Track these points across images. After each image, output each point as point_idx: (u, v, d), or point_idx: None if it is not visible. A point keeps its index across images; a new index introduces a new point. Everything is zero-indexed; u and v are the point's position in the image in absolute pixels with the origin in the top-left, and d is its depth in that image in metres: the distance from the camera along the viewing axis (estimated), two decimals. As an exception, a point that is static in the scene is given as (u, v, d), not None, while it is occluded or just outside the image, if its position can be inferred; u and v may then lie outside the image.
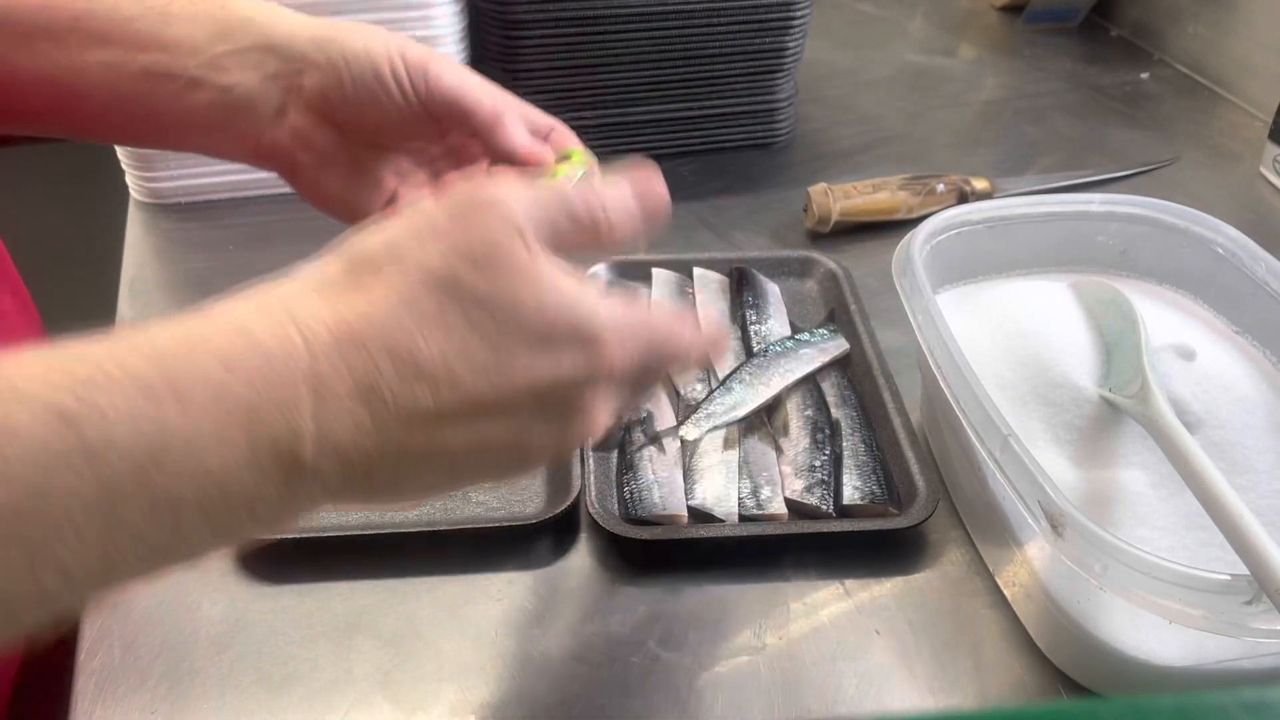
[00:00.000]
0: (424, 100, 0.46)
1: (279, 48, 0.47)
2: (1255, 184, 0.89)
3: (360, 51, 0.46)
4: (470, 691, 0.47)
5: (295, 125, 0.48)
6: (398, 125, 0.48)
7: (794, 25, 0.85)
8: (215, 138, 0.49)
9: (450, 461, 0.34)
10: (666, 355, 0.38)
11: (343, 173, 0.49)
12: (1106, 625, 0.46)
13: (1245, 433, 0.51)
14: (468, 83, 0.47)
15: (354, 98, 0.46)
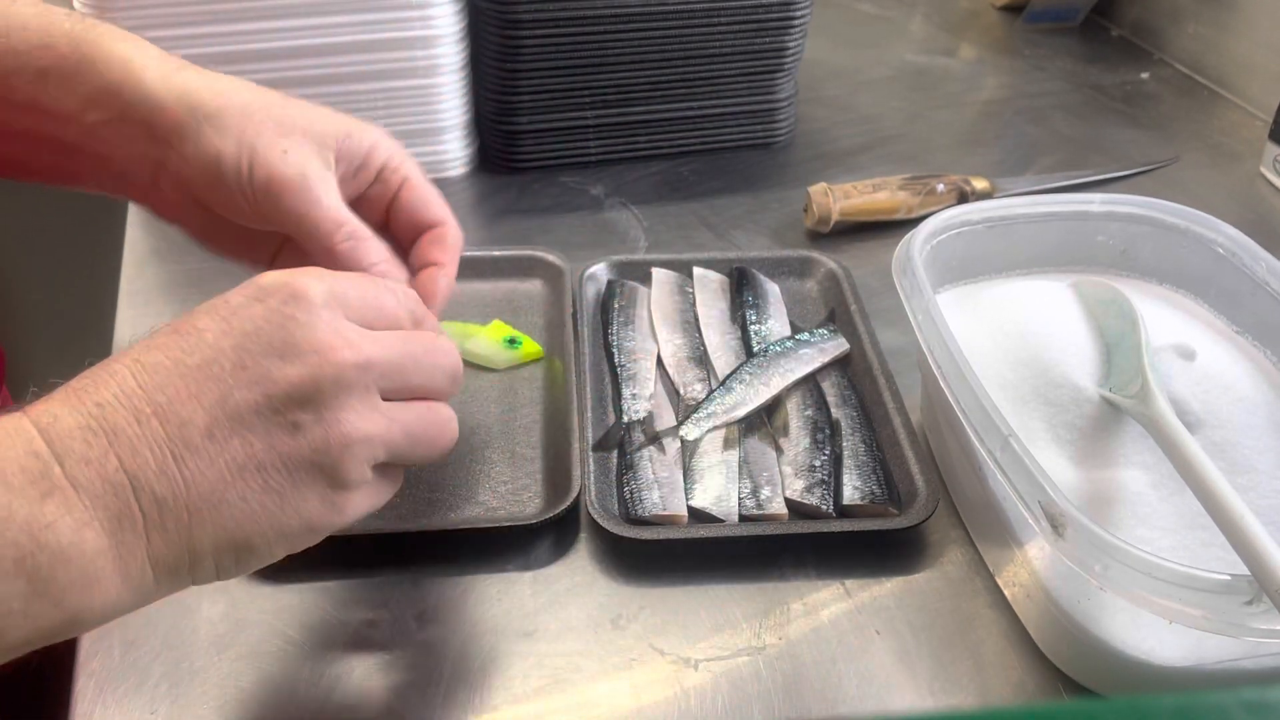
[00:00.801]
0: (269, 221, 0.46)
1: (147, 124, 0.46)
2: (1255, 184, 0.89)
3: (209, 155, 0.45)
4: (470, 691, 0.47)
5: (166, 198, 0.48)
6: (257, 220, 0.47)
7: (794, 25, 0.85)
8: (115, 194, 0.50)
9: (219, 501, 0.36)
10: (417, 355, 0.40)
11: (224, 231, 0.49)
12: (1107, 625, 0.46)
13: (1245, 433, 0.51)
14: (305, 212, 0.46)
15: (207, 191, 0.46)
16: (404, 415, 0.39)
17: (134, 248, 0.76)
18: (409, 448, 0.40)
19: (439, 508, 0.56)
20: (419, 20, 0.77)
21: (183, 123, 0.45)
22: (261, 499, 0.36)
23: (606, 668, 0.49)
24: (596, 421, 0.60)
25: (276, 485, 0.36)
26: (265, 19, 0.75)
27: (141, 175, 0.47)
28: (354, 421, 0.37)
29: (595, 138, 0.86)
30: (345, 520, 0.38)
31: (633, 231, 0.79)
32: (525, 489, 0.57)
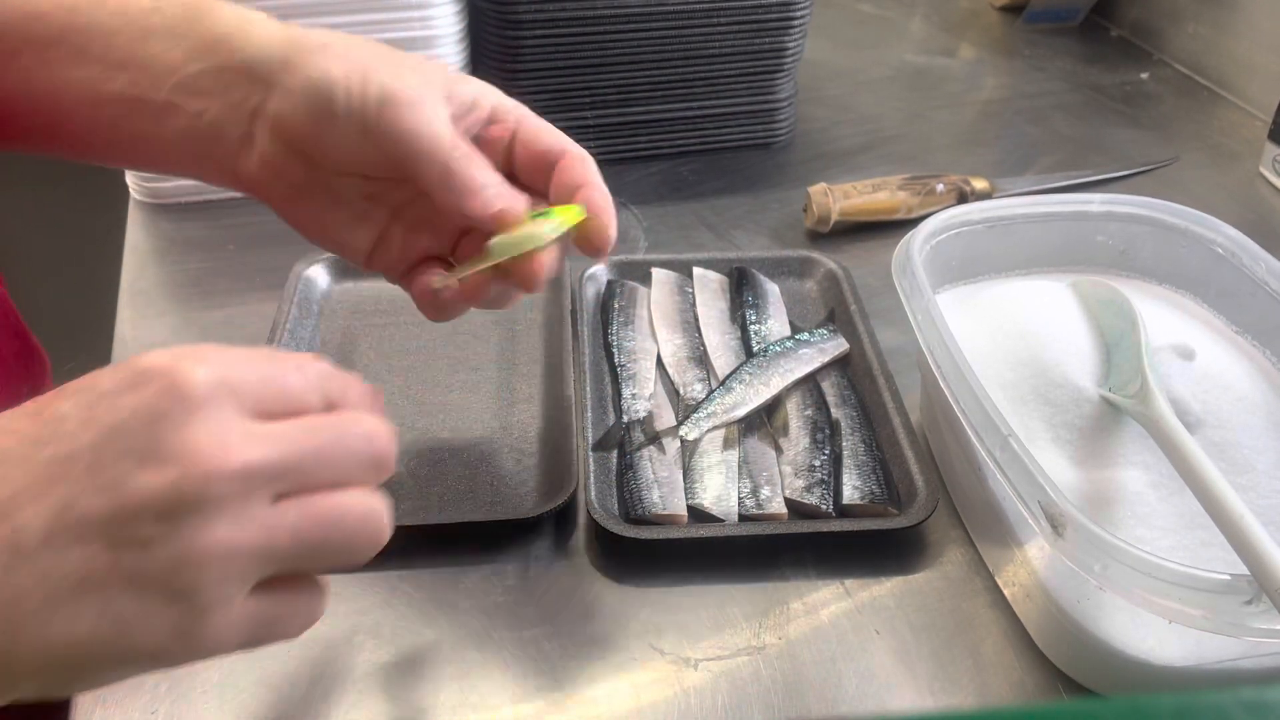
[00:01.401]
0: (375, 140, 0.43)
1: (250, 67, 0.44)
2: (1255, 184, 0.89)
3: (317, 76, 0.42)
4: (470, 692, 0.47)
5: (263, 153, 0.45)
6: (364, 158, 0.44)
7: (794, 25, 0.85)
8: (193, 165, 0.47)
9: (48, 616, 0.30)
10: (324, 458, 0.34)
11: (321, 204, 0.46)
12: (1106, 625, 0.46)
13: (1245, 432, 0.51)
14: (421, 128, 0.42)
15: (311, 126, 0.43)
16: (294, 519, 0.33)
17: (134, 248, 0.76)
18: (305, 557, 0.34)
19: (438, 504, 0.56)
20: (419, 20, 0.77)
21: (288, 57, 0.43)
22: (98, 621, 0.30)
23: (606, 667, 0.49)
24: (596, 421, 0.60)
25: (118, 607, 0.30)
26: (265, 19, 0.75)
27: (235, 126, 0.44)
28: (217, 536, 0.31)
29: (595, 138, 0.86)
30: (212, 649, 0.32)
31: (633, 231, 0.80)
32: (524, 485, 0.57)
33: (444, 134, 0.43)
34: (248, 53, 0.44)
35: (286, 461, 0.32)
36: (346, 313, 0.69)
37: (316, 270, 0.70)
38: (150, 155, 0.48)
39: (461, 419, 0.61)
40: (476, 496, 0.56)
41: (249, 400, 0.32)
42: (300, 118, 0.43)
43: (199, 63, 0.44)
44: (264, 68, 0.43)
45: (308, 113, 0.43)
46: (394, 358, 0.66)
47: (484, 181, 0.44)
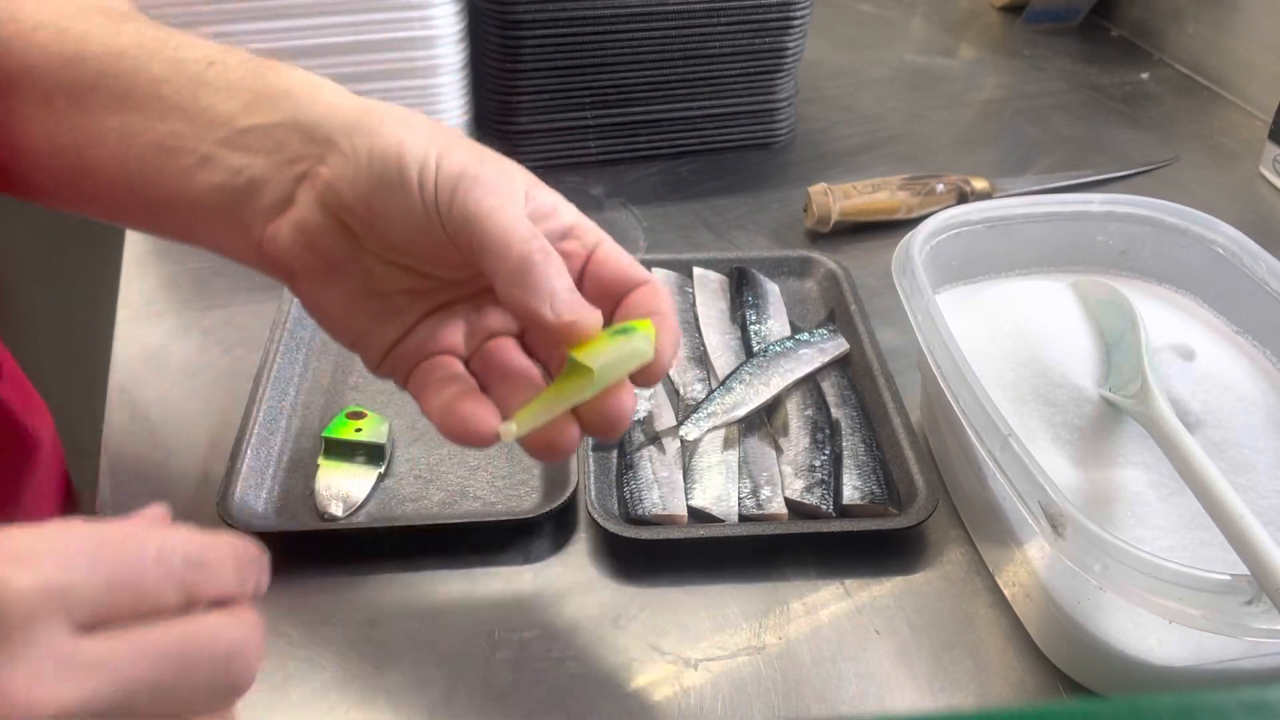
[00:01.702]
0: (445, 220, 0.37)
1: (308, 127, 0.39)
2: (1255, 184, 0.89)
3: (391, 144, 0.37)
4: (470, 692, 0.47)
5: (300, 219, 0.39)
6: (419, 244, 0.39)
7: (794, 25, 0.85)
8: (218, 228, 0.41)
9: None
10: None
11: (350, 288, 0.41)
12: (1106, 625, 0.46)
13: (1245, 433, 0.51)
14: (500, 213, 0.37)
15: (369, 197, 0.38)
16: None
17: (134, 248, 0.76)
18: None
19: (438, 504, 0.56)
20: (419, 20, 0.77)
21: (358, 121, 0.38)
22: None
23: (606, 668, 0.49)
24: (596, 421, 0.60)
25: None
26: (265, 19, 0.75)
27: (276, 187, 0.39)
28: None
29: (595, 138, 0.86)
30: None
31: (632, 231, 0.79)
32: (523, 484, 0.57)
33: (524, 224, 0.37)
34: (312, 113, 0.39)
35: (111, 698, 0.27)
36: (346, 313, 0.69)
37: (316, 270, 0.70)
38: (173, 217, 0.42)
39: (461, 419, 0.61)
40: (477, 496, 0.56)
41: (84, 608, 0.26)
42: (360, 186, 0.38)
43: (252, 117, 0.40)
44: (324, 130, 0.39)
45: (370, 181, 0.37)
46: (394, 358, 0.65)
47: (562, 285, 0.37)
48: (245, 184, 0.39)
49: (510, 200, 0.38)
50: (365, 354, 0.42)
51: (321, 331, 0.67)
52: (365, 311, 0.41)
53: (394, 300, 0.41)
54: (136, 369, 0.65)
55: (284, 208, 0.39)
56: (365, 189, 0.38)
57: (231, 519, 0.52)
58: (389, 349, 0.42)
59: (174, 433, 0.60)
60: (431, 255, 0.39)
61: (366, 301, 0.41)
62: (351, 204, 0.38)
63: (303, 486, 0.56)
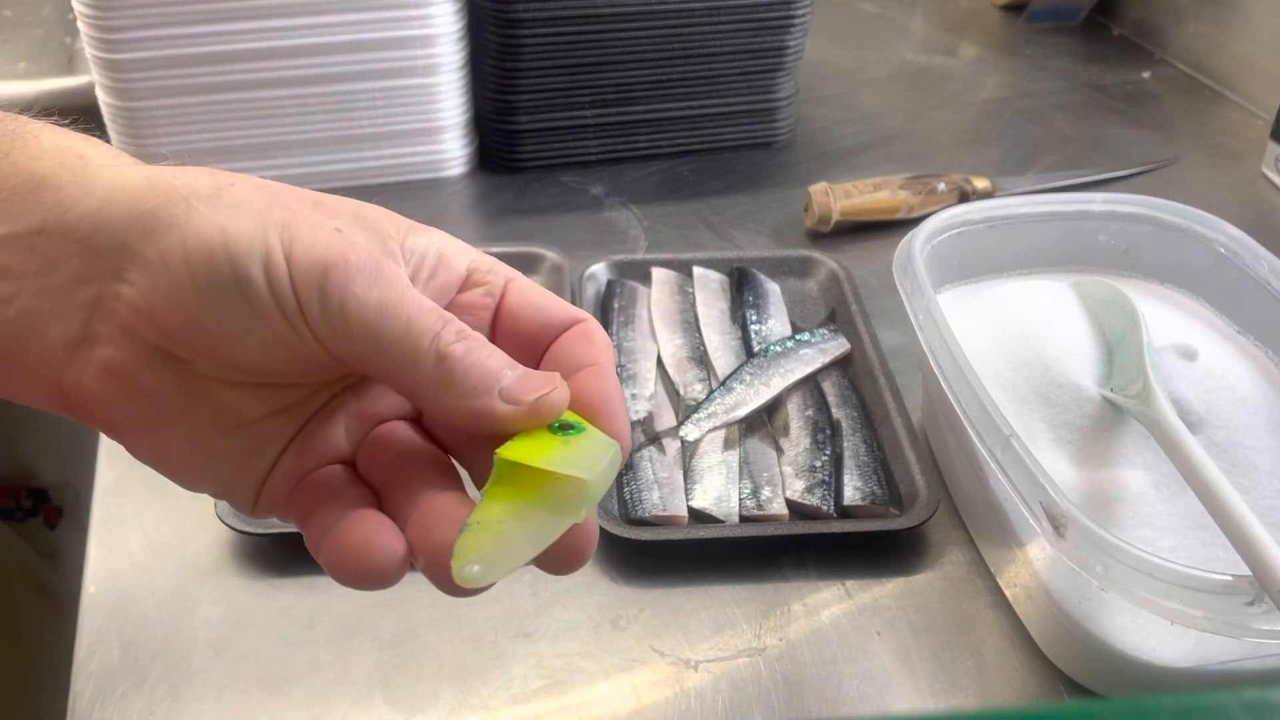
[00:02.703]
0: (317, 333, 0.28)
1: (84, 233, 0.28)
2: (1257, 183, 0.89)
3: (212, 240, 0.27)
4: (469, 692, 0.47)
5: (106, 361, 0.28)
6: (279, 359, 0.29)
7: (794, 24, 0.85)
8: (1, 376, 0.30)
9: None
10: None
11: (196, 431, 0.30)
12: (1108, 626, 0.46)
13: (1247, 433, 0.51)
14: (394, 309, 0.28)
15: (199, 319, 0.27)
16: None
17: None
18: None
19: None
20: (418, 19, 0.77)
21: (155, 215, 0.27)
22: None
23: (606, 669, 0.48)
24: (596, 421, 0.59)
25: None
26: (264, 18, 0.75)
27: (61, 319, 0.28)
28: None
29: (595, 137, 0.86)
30: None
31: (633, 231, 0.79)
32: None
33: (425, 312, 0.29)
34: (83, 208, 0.28)
35: None
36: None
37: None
38: None
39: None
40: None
41: None
42: (183, 305, 0.27)
43: (1, 225, 0.28)
44: (110, 231, 0.28)
45: (196, 297, 0.27)
46: (394, 358, 0.65)
47: (498, 365, 0.29)
48: (19, 323, 0.28)
49: (396, 282, 0.28)
50: (234, 501, 0.32)
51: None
52: (223, 454, 0.30)
53: (257, 430, 0.30)
54: (136, 369, 0.65)
55: (79, 345, 0.28)
56: (192, 308, 0.27)
57: (230, 519, 0.52)
58: (260, 487, 0.31)
59: (173, 433, 0.60)
60: (298, 367, 0.29)
61: (222, 441, 0.30)
62: (176, 331, 0.28)
63: (302, 487, 0.56)
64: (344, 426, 0.32)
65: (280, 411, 0.31)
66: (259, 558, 0.53)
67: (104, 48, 0.73)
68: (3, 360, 0.29)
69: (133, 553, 0.53)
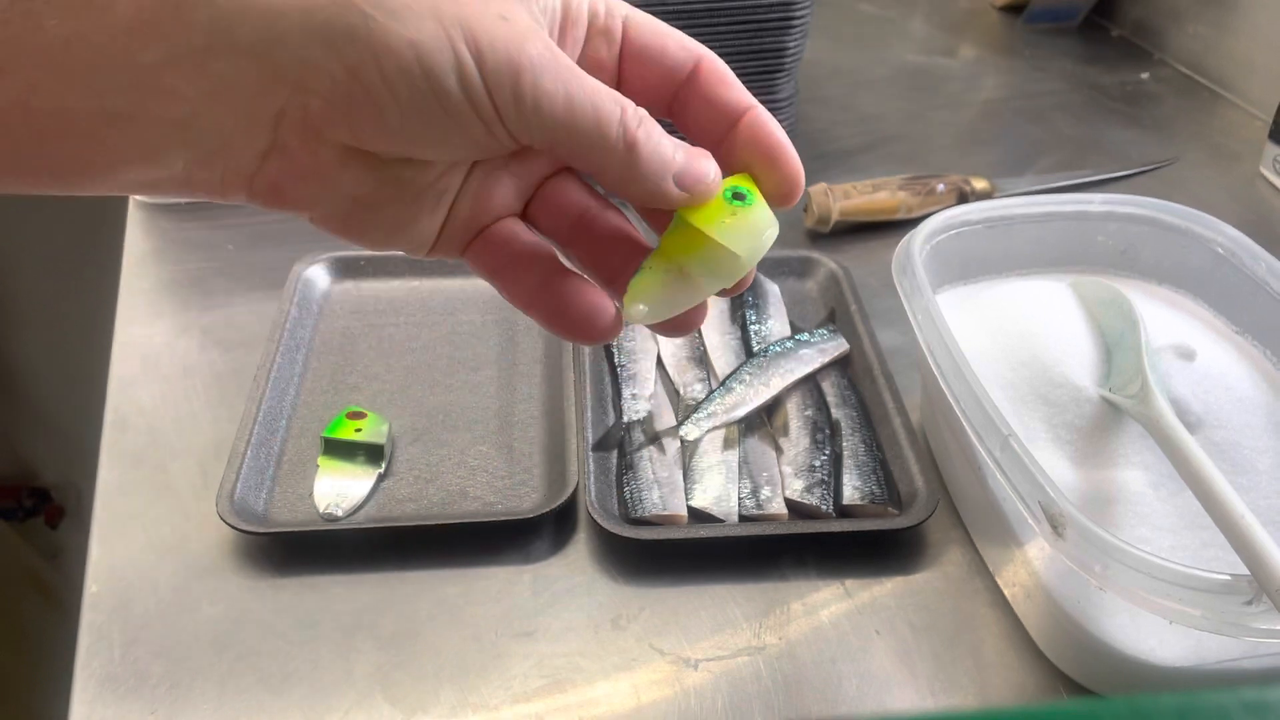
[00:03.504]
0: (514, 130, 0.29)
1: (258, 50, 0.27)
2: (1255, 184, 0.89)
3: (404, 54, 0.27)
4: (470, 692, 0.47)
5: (303, 166, 0.30)
6: (474, 151, 0.31)
7: (794, 25, 0.85)
8: (175, 188, 0.30)
9: None
10: None
11: (388, 207, 0.32)
12: (1107, 625, 0.46)
13: (1245, 433, 0.51)
14: (581, 98, 0.29)
15: (398, 124, 0.28)
16: None
17: (134, 248, 0.76)
18: None
19: (438, 504, 0.56)
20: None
21: (328, 21, 0.27)
22: None
23: (606, 668, 0.49)
24: (596, 421, 0.60)
25: None
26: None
27: (250, 141, 0.29)
28: None
29: (595, 138, 0.86)
30: None
31: (633, 231, 0.79)
32: (523, 484, 0.57)
33: (603, 94, 0.30)
34: (249, 21, 0.27)
35: None
36: (346, 313, 0.69)
37: (316, 270, 0.70)
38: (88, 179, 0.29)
39: (461, 419, 0.61)
40: (476, 496, 0.56)
41: None
42: (384, 119, 0.28)
43: (157, 45, 0.27)
44: (286, 48, 0.27)
45: (399, 112, 0.28)
46: (394, 357, 0.65)
47: (670, 150, 0.31)
48: (196, 139, 0.28)
49: (573, 69, 0.29)
50: (413, 251, 0.34)
51: (321, 332, 0.67)
52: (409, 220, 0.32)
53: (435, 189, 0.32)
54: (136, 369, 0.65)
55: (269, 154, 0.29)
56: (394, 120, 0.28)
57: (231, 519, 0.52)
58: (438, 236, 0.33)
59: (174, 433, 0.60)
60: (485, 152, 0.31)
61: (409, 209, 0.32)
62: (374, 137, 0.29)
63: (303, 486, 0.56)
64: (513, 185, 0.34)
65: (452, 170, 0.32)
66: (259, 557, 0.53)
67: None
68: (194, 174, 0.29)
69: (134, 552, 0.53)
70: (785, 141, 0.33)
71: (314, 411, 0.61)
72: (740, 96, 0.33)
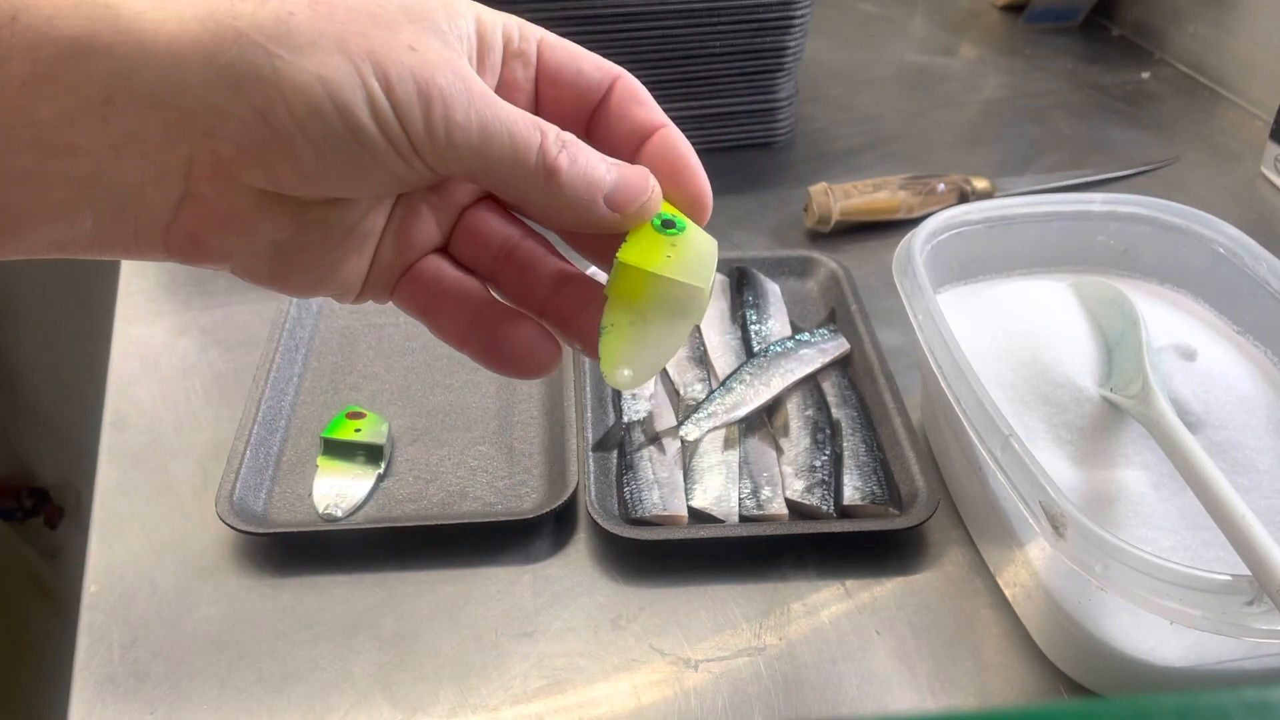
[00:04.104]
0: (431, 161, 0.28)
1: (160, 98, 0.26)
2: (1256, 183, 0.89)
3: (311, 86, 0.26)
4: (470, 692, 0.47)
5: (220, 215, 0.29)
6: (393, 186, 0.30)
7: (794, 24, 0.85)
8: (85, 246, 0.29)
9: None
10: None
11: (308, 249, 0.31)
12: (1107, 625, 0.46)
13: (1246, 433, 0.51)
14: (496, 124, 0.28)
15: (313, 164, 0.27)
16: None
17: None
18: None
19: (438, 504, 0.56)
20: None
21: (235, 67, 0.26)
22: None
23: (606, 668, 0.49)
24: (596, 421, 0.60)
25: None
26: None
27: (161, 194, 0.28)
28: None
29: (595, 137, 0.86)
30: None
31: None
32: (523, 485, 0.57)
33: (519, 120, 0.29)
34: (152, 74, 0.26)
35: None
36: (346, 312, 0.69)
37: (316, 270, 0.70)
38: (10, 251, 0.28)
39: (461, 419, 0.61)
40: (476, 497, 0.56)
41: None
42: (298, 159, 0.27)
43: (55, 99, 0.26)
44: (190, 93, 0.26)
45: (314, 152, 0.27)
46: (394, 358, 0.65)
47: (600, 169, 0.30)
48: (105, 194, 0.27)
49: (486, 96, 0.29)
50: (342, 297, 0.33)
51: (321, 332, 0.67)
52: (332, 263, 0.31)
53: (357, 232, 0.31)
54: (136, 369, 0.65)
55: (182, 204, 0.28)
56: (309, 160, 0.27)
57: (231, 519, 0.52)
58: (364, 280, 0.32)
59: (173, 433, 0.60)
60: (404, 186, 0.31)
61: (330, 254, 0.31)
62: (289, 179, 0.28)
63: (302, 487, 0.56)
64: (433, 218, 0.33)
65: (374, 210, 0.31)
66: (259, 558, 0.53)
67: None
68: (105, 231, 0.28)
69: (133, 552, 0.53)
70: (693, 159, 0.32)
71: (313, 411, 0.61)
72: (651, 115, 0.33)
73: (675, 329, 0.31)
